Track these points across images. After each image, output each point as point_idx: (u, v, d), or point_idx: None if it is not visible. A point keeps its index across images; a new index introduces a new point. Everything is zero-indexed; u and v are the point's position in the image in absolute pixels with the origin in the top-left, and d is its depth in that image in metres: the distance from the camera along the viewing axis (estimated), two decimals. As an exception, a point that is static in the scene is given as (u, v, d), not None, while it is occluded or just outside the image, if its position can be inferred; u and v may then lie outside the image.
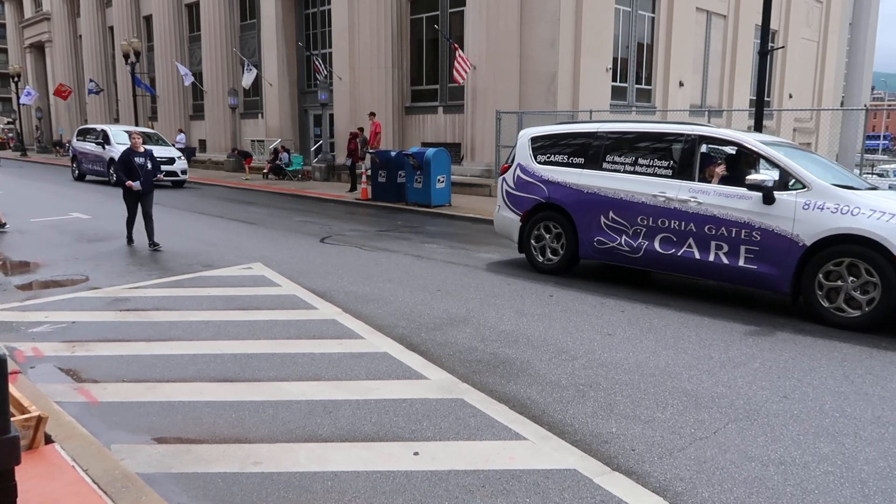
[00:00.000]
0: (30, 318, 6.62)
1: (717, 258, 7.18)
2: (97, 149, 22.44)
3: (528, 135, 9.33)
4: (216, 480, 3.59)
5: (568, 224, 8.48)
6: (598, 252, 8.23)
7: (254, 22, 29.96)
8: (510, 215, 9.29)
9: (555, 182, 8.62)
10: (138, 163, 10.41)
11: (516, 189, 9.15)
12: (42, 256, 9.81)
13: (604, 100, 20.63)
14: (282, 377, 5.09)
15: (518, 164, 9.21)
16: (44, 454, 3.57)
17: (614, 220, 7.97)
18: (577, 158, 8.54)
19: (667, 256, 7.55)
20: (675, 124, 8.13)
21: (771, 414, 4.47)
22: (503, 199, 9.42)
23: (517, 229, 9.15)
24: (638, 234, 7.77)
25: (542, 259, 8.87)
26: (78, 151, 23.88)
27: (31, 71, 50.43)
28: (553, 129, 9.13)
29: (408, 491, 3.48)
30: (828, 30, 34.12)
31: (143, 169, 10.44)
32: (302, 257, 9.79)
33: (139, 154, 10.50)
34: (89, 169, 23.23)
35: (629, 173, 7.97)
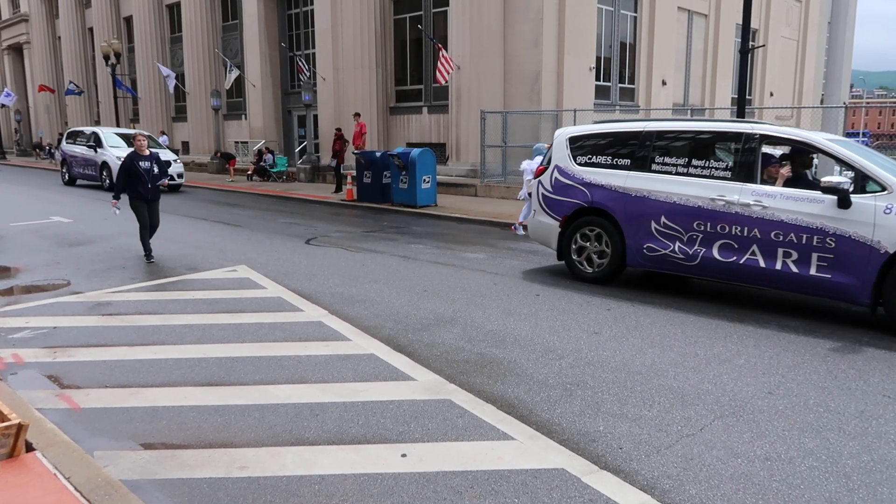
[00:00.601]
0: (10, 323, 6.52)
1: (785, 266, 6.65)
2: (88, 152, 21.69)
3: (565, 134, 8.72)
4: (202, 486, 3.55)
5: (614, 230, 7.94)
6: (647, 260, 7.69)
7: (236, 22, 29.76)
8: (548, 221, 8.67)
9: (598, 185, 8.06)
10: (143, 167, 9.49)
11: (554, 192, 8.55)
12: (22, 261, 9.67)
13: (588, 99, 20.72)
14: (268, 380, 5.05)
15: (556, 165, 8.59)
16: (24, 462, 3.51)
17: (667, 226, 7.44)
18: (623, 160, 7.98)
19: (727, 265, 7.02)
20: (734, 122, 7.74)
21: (756, 410, 4.50)
22: (539, 204, 8.79)
23: (556, 236, 8.56)
24: (694, 241, 7.24)
25: (585, 268, 8.29)
26: (68, 155, 23.13)
27: (10, 73, 49.76)
28: (593, 129, 8.57)
29: (396, 493, 3.46)
30: (807, 28, 34.52)
31: (148, 174, 9.52)
32: (287, 259, 9.73)
33: (144, 157, 9.59)
34: (80, 173, 22.51)
35: (682, 175, 7.44)
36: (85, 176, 22.19)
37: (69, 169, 23.08)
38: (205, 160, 29.34)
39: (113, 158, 19.98)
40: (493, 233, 12.65)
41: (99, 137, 21.44)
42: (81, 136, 22.79)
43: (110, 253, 10.26)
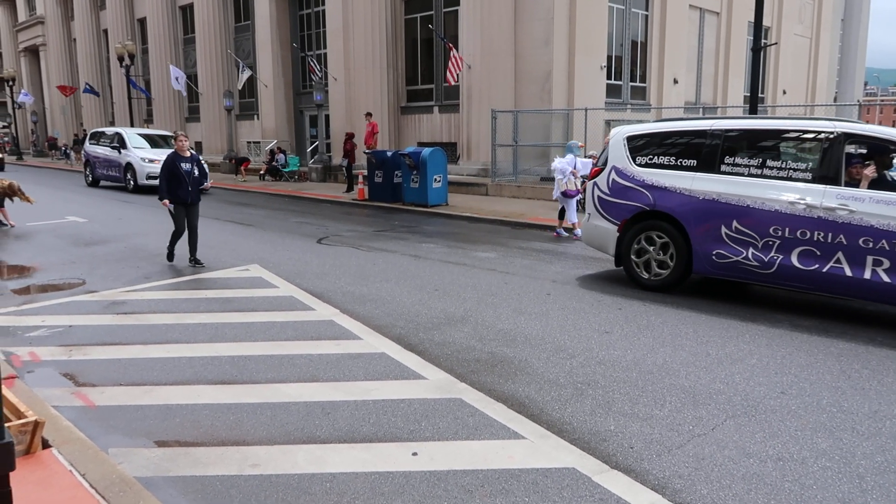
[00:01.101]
0: (26, 322, 6.60)
1: (875, 276, 6.23)
2: (112, 153, 21.21)
3: (623, 134, 8.25)
4: (214, 483, 3.58)
5: (678, 235, 7.49)
6: (716, 267, 7.24)
7: (248, 23, 29.91)
8: (604, 225, 8.22)
9: (661, 187, 7.60)
10: (185, 169, 9.04)
11: (612, 195, 8.10)
12: (38, 260, 9.78)
13: (599, 98, 20.64)
14: (280, 379, 5.08)
15: (613, 166, 8.13)
16: (41, 459, 3.56)
17: (739, 231, 6.97)
18: (688, 160, 7.51)
19: (807, 273, 6.59)
20: (813, 120, 7.32)
21: (768, 410, 4.47)
22: (595, 207, 8.34)
23: (613, 240, 8.12)
24: (770, 247, 6.78)
25: (646, 275, 7.83)
26: (91, 156, 22.64)
27: (26, 74, 50.25)
28: (654, 128, 8.11)
29: (406, 492, 3.48)
30: (820, 26, 34.22)
31: (189, 176, 9.08)
32: (299, 258, 9.77)
33: (185, 159, 9.14)
34: (103, 174, 22.01)
35: (756, 177, 6.98)
36: (109, 177, 21.78)
37: (92, 170, 22.72)
38: (217, 160, 29.52)
39: (137, 160, 19.94)
40: (504, 232, 12.64)
41: (123, 138, 21.07)
42: (105, 137, 22.35)
43: (125, 252, 10.34)
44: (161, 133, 23.52)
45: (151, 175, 19.08)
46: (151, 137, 21.89)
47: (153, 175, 18.98)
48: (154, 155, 19.80)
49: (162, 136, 22.78)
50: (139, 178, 19.75)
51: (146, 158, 19.84)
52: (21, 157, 43.55)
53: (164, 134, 23.32)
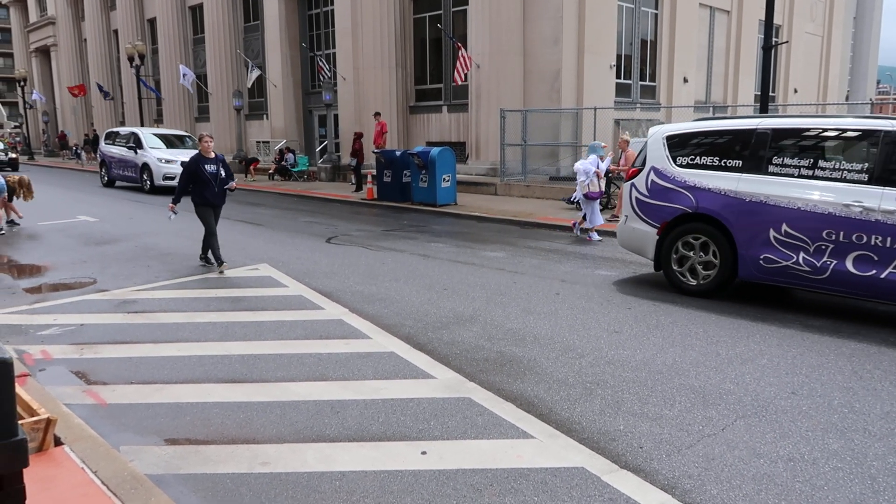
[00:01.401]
0: (38, 320, 6.65)
1: None
2: (128, 153, 20.97)
3: (662, 133, 7.96)
4: (225, 481, 3.60)
5: (723, 238, 7.19)
6: (764, 272, 6.94)
7: (257, 23, 30.02)
8: (643, 227, 7.95)
9: (704, 188, 7.30)
10: (209, 171, 8.83)
11: (651, 197, 7.83)
12: (49, 259, 9.86)
13: (608, 97, 20.58)
14: (289, 378, 5.10)
15: (652, 167, 7.85)
16: (53, 456, 3.59)
17: (789, 235, 6.67)
18: (733, 160, 7.21)
19: (864, 279, 6.30)
20: (869, 119, 6.99)
21: (779, 410, 4.45)
22: (632, 209, 8.08)
23: (652, 244, 7.84)
24: (822, 252, 6.48)
25: (688, 280, 7.56)
26: (106, 156, 22.43)
27: (37, 75, 50.62)
28: (696, 126, 7.82)
29: (416, 490, 3.48)
30: (832, 24, 33.97)
31: (215, 178, 8.87)
32: (308, 258, 9.80)
33: (209, 160, 8.91)
34: (119, 175, 21.82)
35: (807, 178, 6.67)
36: (125, 178, 21.56)
37: (108, 171, 22.51)
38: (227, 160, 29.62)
39: (154, 160, 19.76)
40: (513, 231, 12.63)
41: (139, 138, 20.81)
42: (120, 137, 22.11)
43: (135, 251, 10.41)
44: (177, 133, 23.31)
45: (168, 176, 19.13)
46: (167, 137, 21.72)
47: (170, 176, 19.04)
48: (170, 155, 19.78)
49: (178, 135, 22.66)
50: (156, 178, 19.59)
51: (163, 159, 19.73)
52: (32, 156, 43.88)
53: (180, 134, 23.16)
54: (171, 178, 18.97)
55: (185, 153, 19.63)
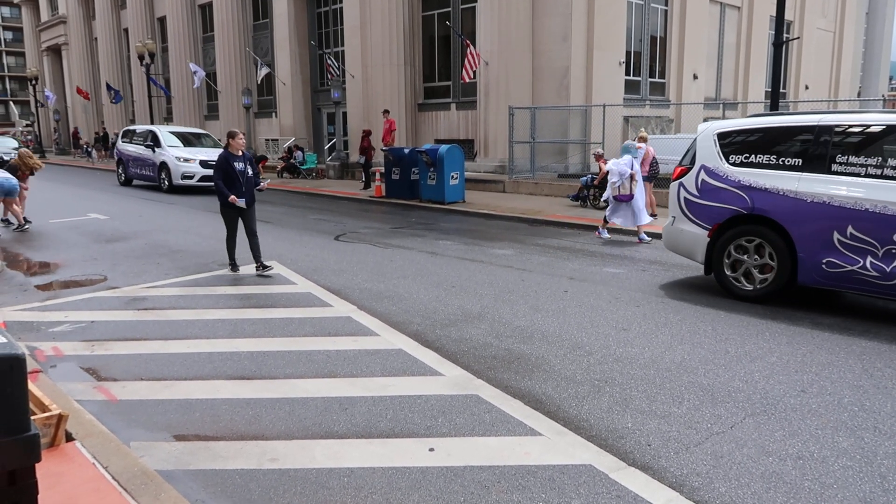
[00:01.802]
0: (50, 317, 6.71)
1: None
2: (145, 152, 20.49)
3: (713, 130, 7.63)
4: (234, 477, 3.62)
5: (781, 241, 6.86)
6: (826, 276, 6.59)
7: (266, 21, 30.11)
8: (692, 229, 7.61)
9: (761, 189, 6.95)
10: (238, 169, 8.42)
11: (701, 197, 7.49)
12: (61, 257, 9.93)
13: (617, 94, 20.51)
14: (297, 374, 5.12)
15: (702, 166, 7.52)
16: (65, 452, 3.62)
17: (855, 238, 6.34)
18: (793, 159, 6.87)
19: None
20: None
21: (788, 408, 4.43)
22: (681, 209, 7.74)
23: (703, 246, 7.49)
24: (893, 256, 6.17)
25: (743, 285, 7.20)
26: (123, 154, 21.97)
27: (49, 74, 50.98)
28: (749, 123, 7.45)
29: (423, 487, 3.49)
30: (844, 20, 33.70)
31: (243, 176, 8.46)
32: (317, 255, 9.83)
33: (238, 158, 8.48)
34: (136, 173, 21.34)
35: (875, 177, 6.32)
36: (142, 177, 21.08)
37: (125, 169, 22.05)
38: (236, 158, 29.72)
39: (172, 159, 19.34)
40: (521, 229, 12.62)
41: (157, 136, 20.34)
42: (137, 135, 21.66)
43: (145, 249, 10.47)
44: (194, 131, 22.94)
45: (186, 175, 18.95)
46: (185, 136, 21.33)
47: (188, 175, 18.93)
48: (189, 154, 19.50)
49: (195, 134, 22.31)
50: (174, 177, 19.18)
51: (181, 157, 19.33)
52: (44, 154, 44.15)
53: (198, 132, 22.79)
54: (190, 176, 18.88)
55: (203, 152, 19.71)
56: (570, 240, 11.29)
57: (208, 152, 19.54)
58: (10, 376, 2.41)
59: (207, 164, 18.52)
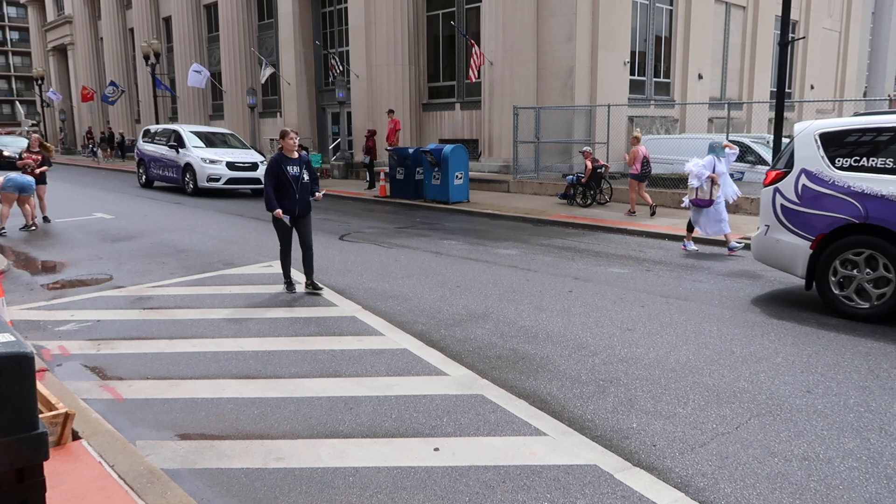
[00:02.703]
0: (56, 316, 6.74)
1: None
2: (169, 152, 19.61)
3: (814, 130, 6.91)
4: (239, 476, 3.63)
5: None
6: None
7: (271, 21, 30.16)
8: (791, 240, 6.92)
9: (876, 196, 6.25)
10: (292, 173, 7.42)
11: (802, 204, 6.80)
12: (67, 256, 9.97)
13: (622, 94, 20.48)
14: (302, 374, 5.13)
15: (802, 169, 6.84)
16: (71, 450, 3.64)
17: None
18: None
19: None
20: None
21: (794, 409, 4.42)
22: (777, 218, 7.07)
23: (804, 259, 6.80)
24: None
25: (856, 303, 6.50)
26: (144, 155, 21.17)
27: (55, 73, 51.14)
28: (858, 122, 6.78)
29: (428, 486, 3.50)
30: (849, 20, 33.58)
31: (297, 182, 7.48)
32: (321, 255, 9.84)
33: (292, 161, 7.51)
34: (158, 175, 20.48)
35: None
36: (164, 178, 20.20)
37: (146, 170, 21.19)
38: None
39: (197, 160, 18.42)
40: (525, 229, 12.62)
41: (181, 136, 19.47)
42: (160, 135, 20.82)
43: (151, 248, 10.50)
44: (217, 131, 21.91)
45: (213, 177, 18.17)
46: (207, 135, 20.50)
47: (214, 177, 18.13)
48: (215, 155, 18.64)
49: (219, 133, 21.37)
50: (199, 180, 18.27)
51: (207, 159, 18.42)
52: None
53: (222, 132, 21.77)
54: (216, 179, 18.14)
55: (229, 153, 19.08)
56: (574, 240, 11.28)
57: (234, 153, 19.03)
58: (19, 375, 2.42)
59: (234, 165, 18.24)
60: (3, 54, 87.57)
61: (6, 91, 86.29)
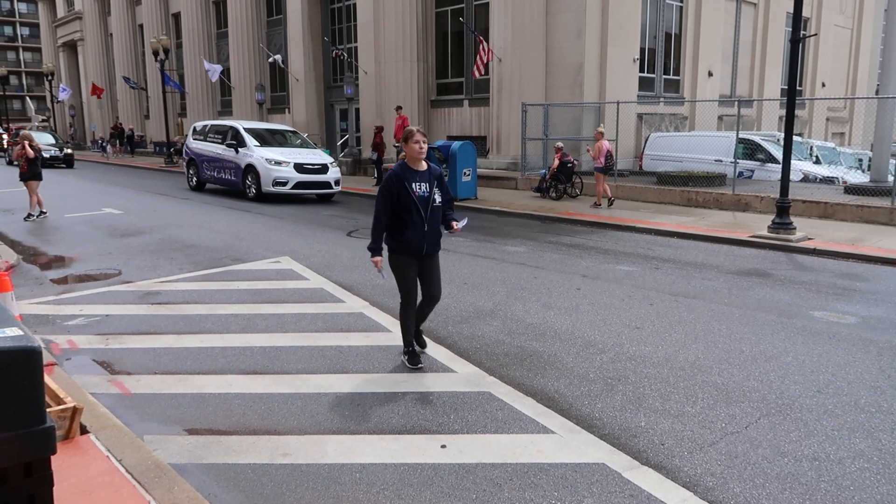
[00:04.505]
0: (65, 311, 6.76)
1: None
2: (226, 152, 17.21)
3: None
4: (246, 471, 3.63)
5: None
6: None
7: (280, 17, 30.18)
8: None
9: None
10: (418, 193, 5.03)
11: None
12: (76, 251, 10.01)
13: (631, 91, 20.39)
14: (310, 370, 5.13)
15: None
16: (79, 444, 3.65)
17: None
18: None
19: None
20: None
21: (804, 409, 4.39)
22: None
23: None
24: None
25: None
26: (196, 154, 18.70)
27: (65, 69, 51.39)
28: None
29: (435, 483, 3.49)
30: (862, 17, 33.29)
31: (426, 206, 5.05)
32: (329, 251, 9.85)
33: (419, 175, 5.08)
34: (212, 177, 18.04)
35: None
36: (220, 181, 17.79)
37: (198, 171, 18.64)
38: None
39: (261, 162, 16.05)
40: (533, 226, 12.58)
41: (239, 134, 17.11)
42: (213, 132, 18.44)
43: (159, 243, 10.53)
44: (275, 127, 19.38)
45: (279, 181, 15.84)
46: (264, 133, 17.90)
47: (281, 181, 15.84)
48: (281, 156, 16.26)
49: (276, 131, 18.64)
50: (263, 184, 15.95)
51: (272, 160, 16.04)
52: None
53: (280, 128, 19.11)
54: (283, 183, 15.83)
55: (295, 153, 16.76)
56: (582, 237, 11.24)
57: (301, 153, 16.82)
58: (27, 369, 2.42)
59: (303, 167, 16.09)
60: (14, 50, 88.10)
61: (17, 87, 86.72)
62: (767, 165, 16.60)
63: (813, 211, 12.75)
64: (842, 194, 13.71)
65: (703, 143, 17.59)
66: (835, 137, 29.80)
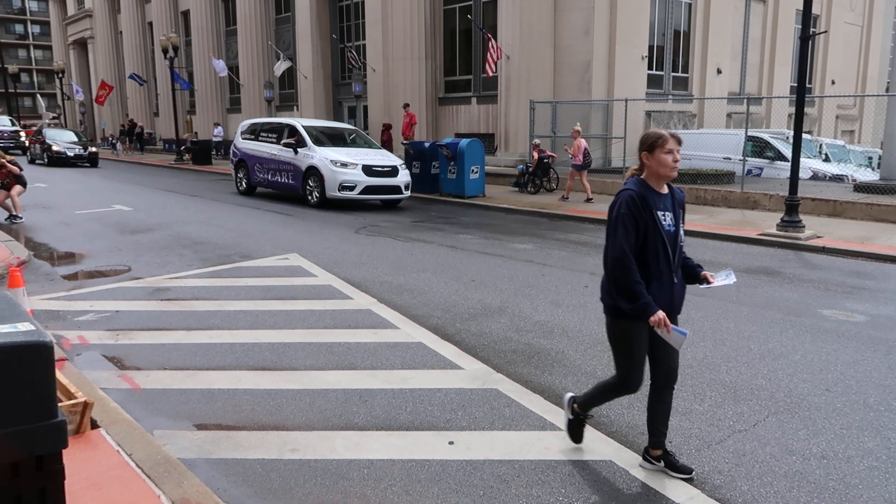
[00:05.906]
0: (75, 307, 6.81)
1: None
2: (283, 153, 15.34)
3: None
4: (255, 466, 3.65)
5: None
6: None
7: (288, 15, 30.26)
8: None
9: None
10: (665, 227, 3.44)
11: None
12: (86, 247, 10.07)
13: (639, 89, 20.32)
14: (318, 366, 5.15)
15: None
16: (90, 439, 3.68)
17: None
18: None
19: None
20: None
21: (813, 407, 4.37)
22: None
23: None
24: None
25: None
26: (247, 155, 16.77)
27: (75, 67, 51.68)
28: None
29: (443, 480, 3.50)
30: (872, 14, 33.08)
31: (674, 243, 3.53)
32: (337, 248, 9.87)
33: (661, 200, 3.46)
34: (266, 180, 16.16)
35: None
36: (275, 185, 16.00)
37: (248, 174, 16.79)
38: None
39: (326, 163, 14.20)
40: (541, 224, 12.57)
41: (299, 133, 15.24)
42: (267, 131, 16.54)
43: (168, 240, 10.58)
44: (336, 126, 17.73)
45: (346, 185, 14.01)
46: (325, 132, 16.09)
47: (348, 185, 14.01)
48: (347, 157, 14.35)
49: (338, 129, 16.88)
50: (328, 188, 14.12)
51: (338, 162, 14.18)
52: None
53: (340, 127, 17.59)
54: (350, 187, 14.04)
55: (362, 154, 14.87)
56: (590, 235, 11.22)
57: (368, 154, 14.90)
58: (38, 363, 2.45)
59: (372, 170, 14.27)
60: (25, 48, 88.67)
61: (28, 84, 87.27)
62: (776, 163, 16.51)
63: (822, 209, 12.69)
64: (851, 192, 13.64)
65: (711, 140, 17.51)
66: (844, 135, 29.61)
